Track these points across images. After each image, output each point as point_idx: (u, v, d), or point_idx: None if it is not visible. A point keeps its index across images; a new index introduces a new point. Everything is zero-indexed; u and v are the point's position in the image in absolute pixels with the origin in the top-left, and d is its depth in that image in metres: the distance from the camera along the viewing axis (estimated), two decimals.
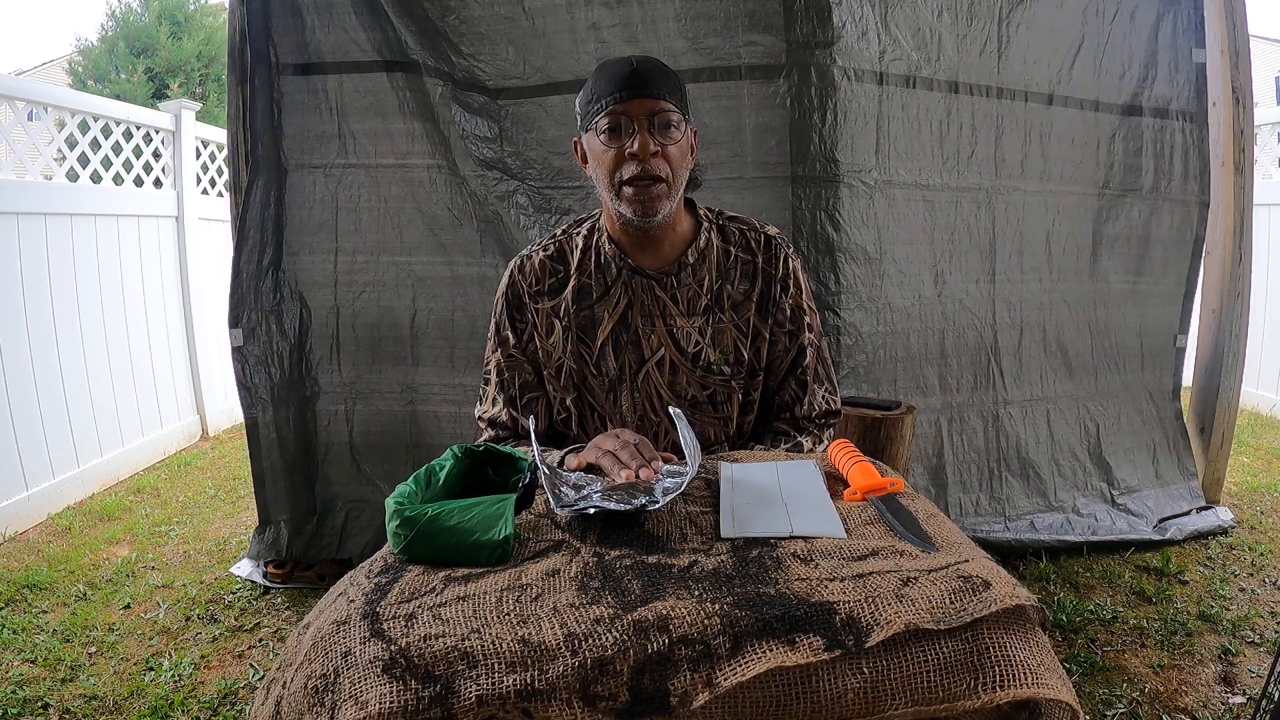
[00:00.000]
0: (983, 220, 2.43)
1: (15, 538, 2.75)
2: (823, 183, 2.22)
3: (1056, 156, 2.48)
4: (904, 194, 2.32)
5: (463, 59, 2.24)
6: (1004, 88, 2.38)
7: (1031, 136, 2.44)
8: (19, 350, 2.88)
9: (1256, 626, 2.01)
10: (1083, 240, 2.56)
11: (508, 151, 2.28)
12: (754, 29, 2.17)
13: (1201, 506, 2.68)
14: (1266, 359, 4.11)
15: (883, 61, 2.24)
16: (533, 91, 2.26)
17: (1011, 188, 2.44)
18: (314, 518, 2.41)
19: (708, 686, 0.65)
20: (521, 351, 1.36)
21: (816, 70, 2.16)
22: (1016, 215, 2.46)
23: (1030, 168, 2.45)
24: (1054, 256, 2.52)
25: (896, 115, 2.28)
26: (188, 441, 3.97)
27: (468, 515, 0.85)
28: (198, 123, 4.02)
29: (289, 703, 0.69)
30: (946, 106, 2.33)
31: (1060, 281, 2.55)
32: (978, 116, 2.37)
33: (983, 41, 2.34)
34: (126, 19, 9.22)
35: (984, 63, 2.35)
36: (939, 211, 2.38)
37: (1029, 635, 0.71)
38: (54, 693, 1.82)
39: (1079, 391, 2.59)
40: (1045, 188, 2.48)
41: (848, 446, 1.09)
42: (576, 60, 2.22)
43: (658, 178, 1.21)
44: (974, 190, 2.40)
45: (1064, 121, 2.47)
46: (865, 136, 2.24)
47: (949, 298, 2.41)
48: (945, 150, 2.36)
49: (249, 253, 2.27)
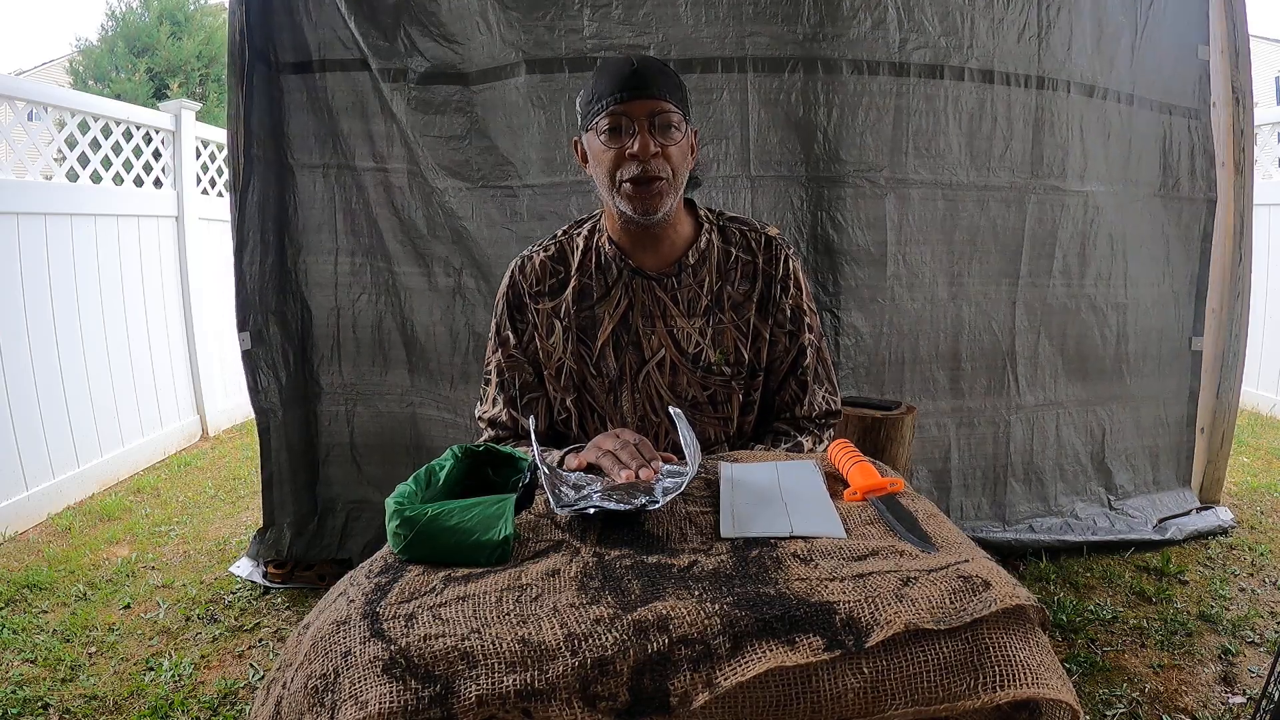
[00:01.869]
0: (1011, 220, 2.30)
1: (15, 538, 2.75)
2: (826, 182, 2.15)
3: (1099, 154, 2.36)
4: (921, 193, 2.22)
5: (432, 41, 2.12)
6: (1045, 77, 2.22)
7: (1074, 131, 2.29)
8: (19, 350, 2.88)
9: (1256, 626, 2.01)
10: (1118, 242, 2.45)
11: (479, 148, 2.17)
12: (759, 19, 2.08)
13: (1201, 506, 2.67)
14: (1266, 359, 4.11)
15: (903, 51, 2.12)
16: (510, 71, 2.12)
17: (1049, 186, 2.31)
18: (315, 518, 2.41)
19: (708, 686, 0.65)
20: (522, 352, 1.36)
21: (823, 63, 2.07)
22: (1051, 215, 2.34)
23: (1071, 165, 2.32)
24: (1087, 259, 2.41)
25: (919, 109, 2.15)
26: (188, 441, 3.97)
27: (468, 515, 0.85)
28: (198, 123, 4.02)
29: (289, 703, 0.69)
30: (979, 98, 2.18)
31: (1092, 285, 2.45)
32: (1014, 109, 2.22)
33: (1021, 25, 2.17)
34: (126, 19, 9.22)
35: (1023, 49, 2.19)
36: (961, 211, 2.26)
37: (1029, 635, 0.71)
38: (54, 693, 1.82)
39: (1091, 395, 2.52)
40: (1085, 187, 2.36)
41: (848, 446, 1.09)
42: (566, 39, 2.09)
43: (658, 177, 1.21)
44: (1004, 189, 2.28)
45: (1102, 116, 2.33)
46: (878, 132, 2.14)
47: (965, 300, 2.32)
48: (975, 146, 2.22)
49: (250, 254, 2.24)
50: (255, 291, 2.26)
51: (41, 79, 10.86)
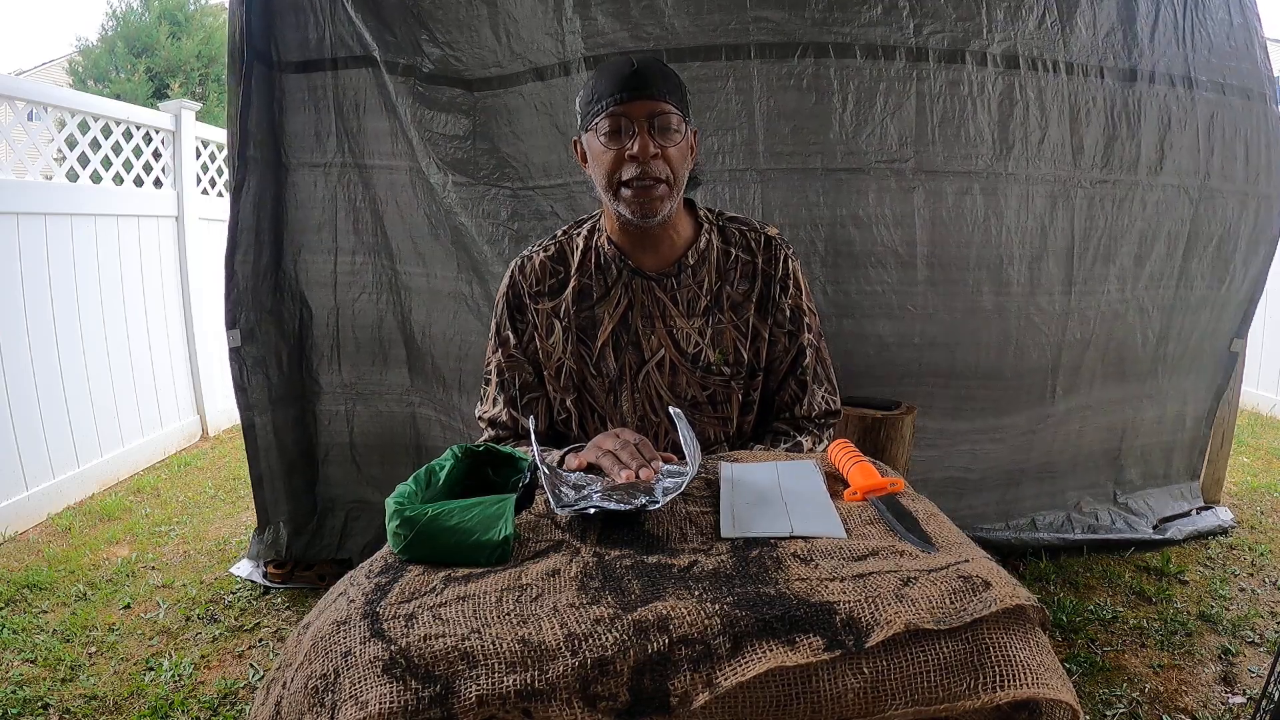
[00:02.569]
0: (1059, 218, 2.13)
1: (15, 538, 2.75)
2: (845, 174, 2.02)
3: (1148, 141, 2.20)
4: (955, 185, 2.07)
5: (437, 47, 2.10)
6: (1073, 62, 2.09)
7: (1114, 119, 2.15)
8: (19, 350, 2.88)
9: (1256, 626, 2.01)
10: (1176, 240, 2.30)
11: (481, 149, 2.13)
12: (763, 3, 1.99)
13: (1201, 506, 2.67)
14: (1266, 359, 4.12)
15: (920, 35, 2.00)
16: (513, 80, 2.09)
17: (1094, 179, 2.15)
18: (314, 518, 2.41)
19: (708, 686, 0.65)
20: (522, 352, 1.36)
21: (836, 48, 1.97)
22: (1104, 211, 2.18)
23: (1115, 155, 2.17)
24: (1143, 259, 2.26)
25: (942, 94, 2.03)
26: (188, 441, 3.97)
27: (468, 515, 0.85)
28: (198, 123, 4.02)
29: (289, 703, 0.69)
30: (1006, 83, 2.05)
31: (1146, 287, 2.30)
32: (1046, 95, 2.08)
33: (1041, 8, 2.06)
34: (127, 19, 9.22)
35: (1045, 33, 2.06)
36: (1003, 206, 2.11)
37: (1029, 635, 0.71)
38: (54, 693, 1.82)
39: (1124, 396, 2.40)
40: (1133, 179, 2.21)
41: (848, 446, 1.09)
42: (561, 42, 2.05)
43: (658, 179, 1.21)
44: (1048, 182, 2.12)
45: (1148, 101, 2.18)
46: (901, 120, 2.02)
47: (1013, 311, 2.15)
48: (1011, 135, 2.08)
49: (243, 253, 2.22)
50: (247, 290, 2.23)
51: (41, 79, 10.85)
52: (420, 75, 2.12)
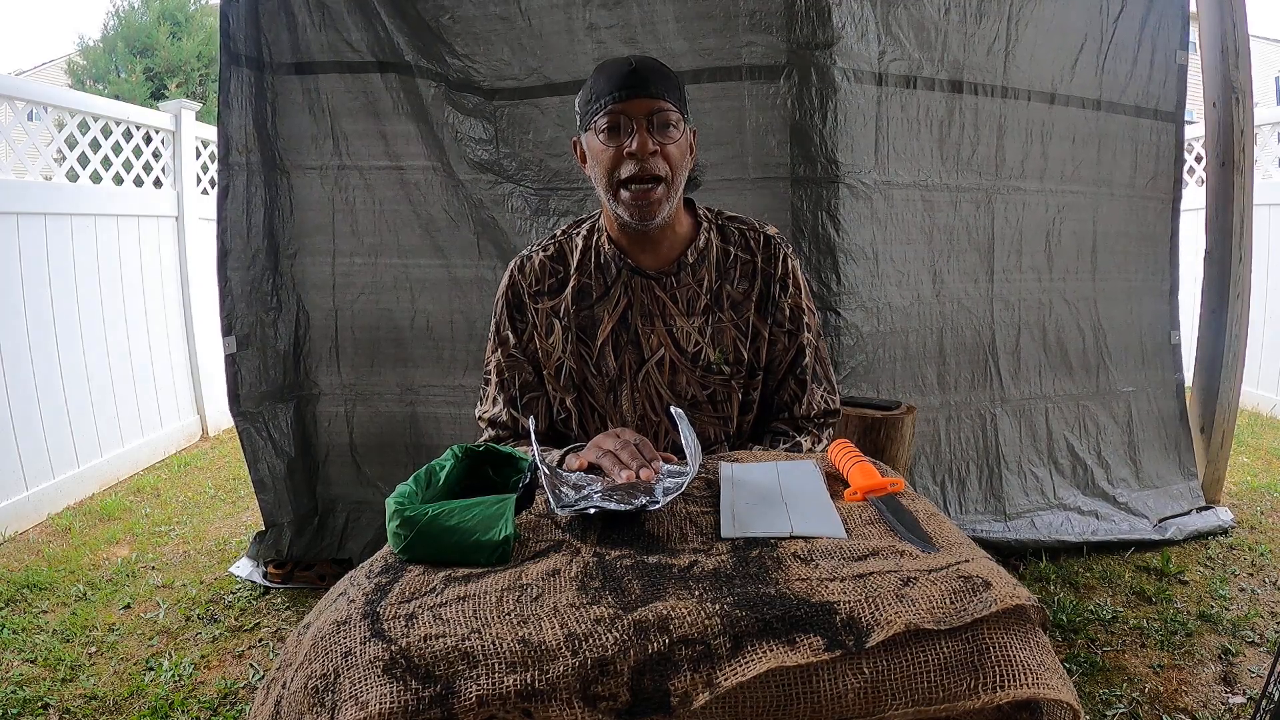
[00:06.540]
0: (981, 220, 2.44)
1: (15, 538, 2.75)
2: (824, 183, 2.22)
3: (1058, 155, 2.49)
4: (903, 194, 2.33)
5: (457, 59, 2.23)
6: (1009, 87, 2.39)
7: (1034, 135, 2.45)
8: (19, 350, 2.88)
9: (1256, 626, 2.01)
10: (1083, 238, 2.57)
11: (504, 153, 2.28)
12: (754, 29, 2.17)
13: (1201, 506, 2.68)
14: (1266, 359, 4.11)
15: (882, 62, 2.24)
16: (529, 93, 2.25)
17: (1012, 187, 2.45)
18: (315, 518, 2.41)
19: (708, 686, 0.65)
20: (522, 351, 1.36)
21: (817, 71, 2.16)
22: (1016, 214, 2.47)
23: (1031, 167, 2.46)
24: (1054, 255, 2.54)
25: (896, 116, 2.28)
26: (188, 441, 3.97)
27: (468, 515, 0.85)
28: (198, 123, 4.02)
29: (289, 703, 0.69)
30: (948, 106, 2.33)
31: (1060, 279, 2.56)
32: (981, 116, 2.37)
33: (991, 39, 2.34)
34: (127, 19, 9.22)
35: (990, 61, 2.35)
36: (938, 211, 2.38)
37: (1029, 635, 0.71)
38: (54, 693, 1.82)
39: (1079, 390, 2.61)
40: (1045, 186, 2.50)
41: (848, 446, 1.09)
42: (574, 61, 2.22)
43: (657, 177, 1.21)
44: (973, 190, 2.41)
45: (1066, 120, 2.48)
46: (865, 137, 2.24)
47: (947, 297, 2.42)
48: (945, 150, 2.36)
49: (235, 258, 2.26)
50: (242, 295, 2.29)
51: (41, 79, 10.85)
52: (449, 82, 2.23)
